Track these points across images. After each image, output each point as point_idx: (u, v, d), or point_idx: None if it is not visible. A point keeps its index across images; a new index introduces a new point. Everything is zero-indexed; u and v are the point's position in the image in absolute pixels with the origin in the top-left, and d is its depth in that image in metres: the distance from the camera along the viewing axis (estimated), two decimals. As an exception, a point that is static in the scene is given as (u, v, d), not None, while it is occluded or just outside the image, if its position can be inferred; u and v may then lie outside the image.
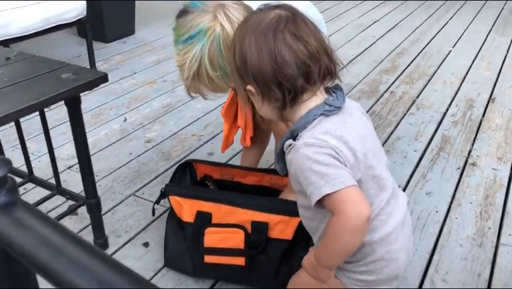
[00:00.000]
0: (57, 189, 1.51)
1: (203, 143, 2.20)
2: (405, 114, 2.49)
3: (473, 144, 2.20)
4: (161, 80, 2.91)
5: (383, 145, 2.17)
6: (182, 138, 2.25)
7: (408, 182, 1.90)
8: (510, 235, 1.62)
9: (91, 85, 1.24)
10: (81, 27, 3.17)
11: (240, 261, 1.34)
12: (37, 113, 1.51)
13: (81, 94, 1.28)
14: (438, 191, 1.85)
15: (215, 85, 1.20)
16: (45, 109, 1.50)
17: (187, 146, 2.17)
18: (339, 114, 0.92)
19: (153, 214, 1.44)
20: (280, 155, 0.96)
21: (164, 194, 1.42)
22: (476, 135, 2.28)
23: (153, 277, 1.43)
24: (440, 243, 1.58)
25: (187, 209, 1.37)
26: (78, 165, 1.57)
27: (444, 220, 1.69)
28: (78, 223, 1.62)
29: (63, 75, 1.24)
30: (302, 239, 1.27)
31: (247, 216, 1.32)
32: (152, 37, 3.65)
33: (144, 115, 2.47)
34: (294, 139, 0.91)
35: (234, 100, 1.60)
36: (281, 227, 1.30)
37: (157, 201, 1.44)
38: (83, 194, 1.46)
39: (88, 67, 2.94)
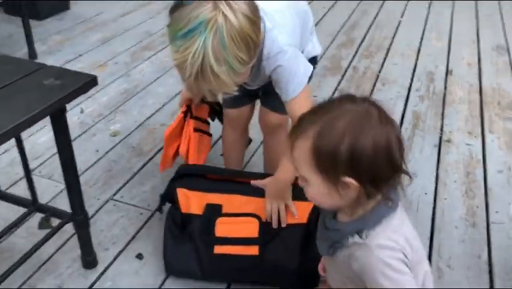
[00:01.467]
0: (34, 206, 1.32)
1: (175, 134, 2.05)
2: (372, 91, 2.48)
3: (442, 118, 2.24)
4: (112, 62, 2.67)
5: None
6: (150, 129, 2.08)
7: (392, 163, 1.90)
8: (497, 212, 1.67)
9: (80, 92, 1.06)
10: (11, 3, 2.81)
11: (253, 250, 1.27)
12: None
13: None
14: (422, 171, 1.87)
15: (220, 82, 1.08)
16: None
17: (158, 137, 2.01)
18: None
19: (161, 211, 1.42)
20: (330, 237, 0.94)
21: (165, 195, 1.36)
22: (443, 109, 2.33)
23: (155, 293, 1.32)
24: (437, 227, 1.59)
25: (195, 202, 1.31)
26: (40, 169, 1.40)
27: (435, 202, 1.71)
28: (57, 239, 1.44)
29: (45, 81, 1.05)
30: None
31: (260, 204, 1.28)
32: (90, 13, 3.33)
33: (102, 104, 2.25)
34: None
35: (179, 125, 1.53)
36: (299, 212, 1.28)
37: (159, 209, 1.34)
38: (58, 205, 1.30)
39: (26, 50, 2.63)
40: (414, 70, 2.71)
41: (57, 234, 1.45)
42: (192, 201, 1.32)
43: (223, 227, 1.29)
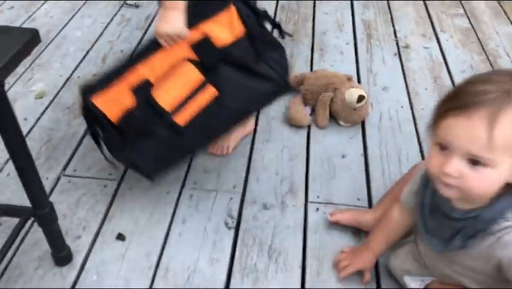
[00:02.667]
0: (-23, 207, 1.03)
1: (115, 83, 1.75)
2: (314, 4, 2.29)
3: (393, 24, 2.14)
4: (6, 7, 2.19)
5: (313, 43, 2.00)
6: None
7: (359, 80, 1.79)
8: (474, 114, 1.65)
9: (21, 56, 0.77)
10: None
11: (210, 92, 1.12)
12: None
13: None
14: (391, 83, 1.78)
15: None
16: None
17: (95, 91, 1.70)
18: None
19: (108, 160, 1.22)
20: (466, 227, 0.82)
21: (87, 117, 1.15)
22: (391, 13, 2.22)
23: (154, 276, 1.13)
24: (423, 140, 1.52)
25: (118, 97, 1.11)
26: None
27: (413, 114, 1.64)
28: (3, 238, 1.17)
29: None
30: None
31: (184, 48, 1.12)
32: None
33: (12, 60, 1.85)
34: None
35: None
36: (225, 30, 1.13)
37: (92, 134, 1.17)
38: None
39: None
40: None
41: (3, 230, 1.20)
42: (115, 100, 1.11)
43: (163, 94, 1.11)
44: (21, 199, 1.08)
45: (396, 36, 2.06)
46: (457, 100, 0.74)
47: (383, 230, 1.09)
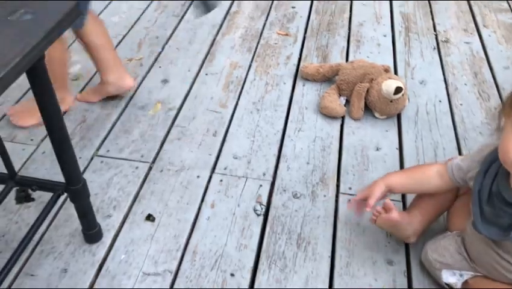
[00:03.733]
0: (13, 179, 1.05)
1: (150, 68, 1.76)
2: (352, -4, 2.25)
3: (432, 18, 2.08)
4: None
5: (349, 34, 1.96)
6: (117, 66, 1.77)
7: (396, 73, 1.74)
8: (516, 111, 1.58)
9: (63, 26, 0.78)
10: None
11: None
12: None
13: None
14: (429, 77, 1.73)
15: None
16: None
17: (131, 75, 1.72)
18: None
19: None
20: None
21: None
22: (431, 7, 2.16)
23: (182, 258, 1.13)
24: (461, 135, 1.48)
25: None
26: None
27: (451, 109, 1.59)
28: (36, 213, 1.18)
29: (12, 16, 0.76)
30: None
31: None
32: None
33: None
34: None
35: None
36: None
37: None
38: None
39: None
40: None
41: (36, 206, 1.22)
42: None
43: None
44: (55, 177, 1.10)
45: (435, 30, 2.00)
46: None
47: (410, 173, 1.08)
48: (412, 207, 1.12)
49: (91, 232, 1.13)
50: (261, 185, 1.31)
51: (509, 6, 2.18)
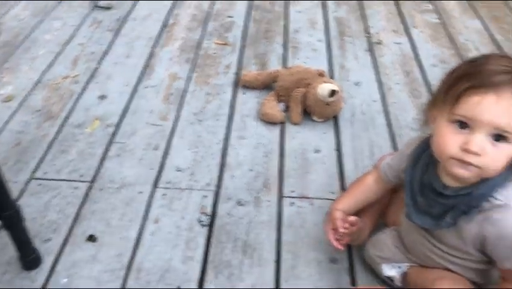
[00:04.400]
0: None
1: (86, 85, 1.73)
2: (287, 3, 2.30)
3: (365, 21, 2.16)
4: (-26, 11, 2.15)
5: (286, 41, 2.00)
6: (52, 85, 1.72)
7: (332, 76, 1.79)
8: (445, 106, 1.67)
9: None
10: None
11: None
12: None
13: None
14: (363, 78, 1.79)
15: None
16: None
17: (66, 94, 1.68)
18: None
19: None
20: (459, 204, 0.84)
21: None
22: (363, 11, 2.24)
23: (126, 277, 1.11)
24: (397, 133, 1.54)
25: None
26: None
27: (385, 109, 1.65)
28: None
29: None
30: None
31: None
32: None
33: (-21, 65, 1.81)
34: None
35: None
36: None
37: None
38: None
39: None
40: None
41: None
42: None
43: None
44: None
45: (368, 32, 2.08)
46: (482, 78, 0.75)
47: (353, 192, 1.11)
48: (361, 213, 1.15)
49: (28, 258, 1.09)
50: (205, 196, 1.31)
51: (434, 6, 2.30)
